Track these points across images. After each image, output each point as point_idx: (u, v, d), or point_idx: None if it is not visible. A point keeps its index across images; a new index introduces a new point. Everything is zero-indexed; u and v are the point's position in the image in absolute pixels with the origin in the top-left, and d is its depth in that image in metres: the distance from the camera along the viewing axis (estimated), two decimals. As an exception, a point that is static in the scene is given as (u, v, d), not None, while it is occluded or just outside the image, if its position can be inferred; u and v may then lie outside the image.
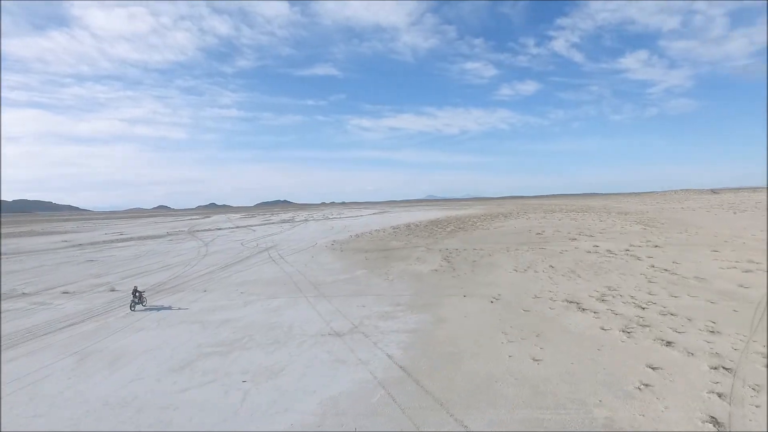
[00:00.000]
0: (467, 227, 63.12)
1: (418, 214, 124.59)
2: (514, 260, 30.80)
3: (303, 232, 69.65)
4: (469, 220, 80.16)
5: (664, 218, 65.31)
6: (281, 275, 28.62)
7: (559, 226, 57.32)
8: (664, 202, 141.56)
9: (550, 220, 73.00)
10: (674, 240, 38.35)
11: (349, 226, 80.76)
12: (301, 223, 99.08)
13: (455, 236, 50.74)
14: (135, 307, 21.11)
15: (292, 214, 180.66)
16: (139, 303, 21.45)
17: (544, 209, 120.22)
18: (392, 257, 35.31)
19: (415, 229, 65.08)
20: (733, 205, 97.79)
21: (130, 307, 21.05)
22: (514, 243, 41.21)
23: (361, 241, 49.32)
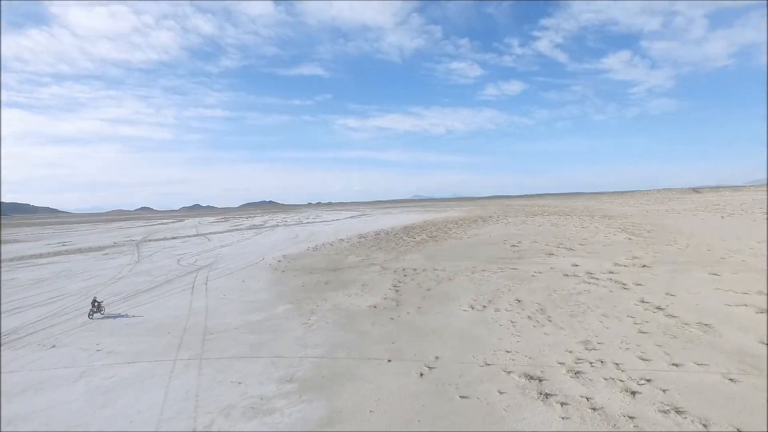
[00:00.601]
0: (439, 236, 57.73)
1: (396, 218, 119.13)
2: (476, 288, 25.31)
3: (262, 242, 63.34)
4: (444, 226, 74.92)
5: (650, 224, 61.06)
6: (180, 314, 22.53)
7: (538, 235, 52.35)
8: (648, 203, 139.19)
9: (530, 225, 68.24)
10: (664, 256, 33.46)
11: (317, 233, 74.66)
12: (268, 229, 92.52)
13: (422, 248, 45.23)
14: (93, 316, 22.69)
15: (268, 217, 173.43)
16: (98, 312, 22.91)
17: (526, 212, 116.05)
18: (336, 282, 29.52)
19: (383, 238, 59.42)
20: (718, 206, 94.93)
21: (89, 316, 22.61)
22: (483, 259, 35.84)
23: (316, 257, 43.42)
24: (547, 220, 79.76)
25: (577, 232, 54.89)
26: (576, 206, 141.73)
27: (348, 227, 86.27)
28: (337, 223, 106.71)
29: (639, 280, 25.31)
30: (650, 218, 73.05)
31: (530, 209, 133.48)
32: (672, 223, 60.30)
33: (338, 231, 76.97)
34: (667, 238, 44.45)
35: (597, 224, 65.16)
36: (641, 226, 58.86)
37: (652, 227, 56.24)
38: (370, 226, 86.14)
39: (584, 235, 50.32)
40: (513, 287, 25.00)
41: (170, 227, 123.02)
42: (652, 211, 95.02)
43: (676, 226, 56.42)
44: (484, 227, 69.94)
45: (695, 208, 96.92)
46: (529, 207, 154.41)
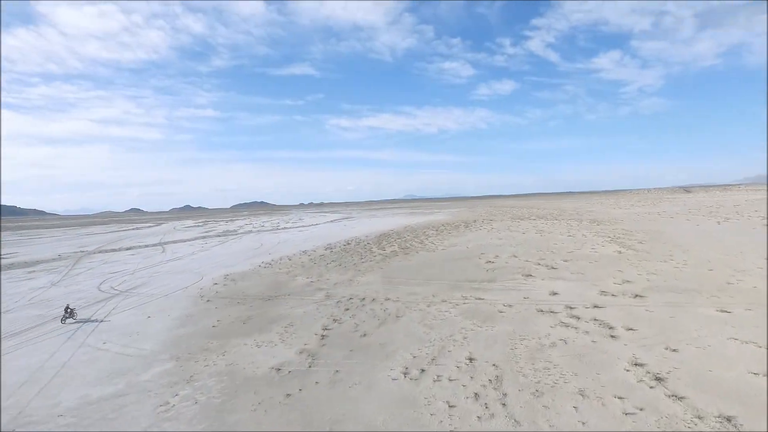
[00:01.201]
0: (412, 247, 52.19)
1: (379, 222, 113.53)
2: (425, 334, 19.77)
3: (217, 254, 57.31)
4: (423, 233, 69.44)
5: (642, 231, 56.10)
6: (11, 382, 16.64)
7: (520, 246, 47.03)
8: (639, 205, 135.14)
9: (514, 232, 63.00)
10: (659, 278, 28.21)
11: (285, 242, 68.73)
12: (237, 237, 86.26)
13: (386, 265, 39.63)
14: (66, 320, 24.40)
15: (249, 221, 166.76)
16: (70, 317, 24.63)
17: (513, 215, 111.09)
18: (258, 320, 23.81)
19: (351, 249, 53.73)
20: (711, 209, 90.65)
21: (62, 321, 24.33)
22: (449, 282, 30.35)
23: (261, 277, 37.62)
24: (533, 225, 74.64)
25: (562, 242, 49.68)
26: (565, 208, 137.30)
27: (322, 234, 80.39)
28: (313, 228, 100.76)
29: (630, 319, 19.92)
30: (642, 224, 68.23)
31: (518, 212, 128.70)
32: (666, 231, 55.39)
33: (309, 239, 71.11)
34: (662, 251, 39.34)
35: (585, 231, 60.10)
36: (632, 234, 53.86)
37: (644, 236, 51.24)
38: (346, 233, 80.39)
39: (570, 247, 45.09)
40: (470, 333, 19.45)
41: (139, 234, 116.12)
42: (644, 214, 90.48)
43: (671, 234, 51.47)
44: (465, 235, 64.58)
45: (688, 211, 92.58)
46: (518, 209, 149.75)
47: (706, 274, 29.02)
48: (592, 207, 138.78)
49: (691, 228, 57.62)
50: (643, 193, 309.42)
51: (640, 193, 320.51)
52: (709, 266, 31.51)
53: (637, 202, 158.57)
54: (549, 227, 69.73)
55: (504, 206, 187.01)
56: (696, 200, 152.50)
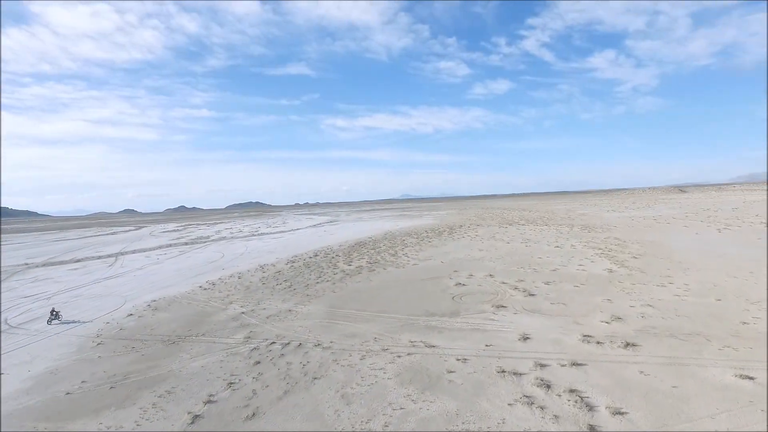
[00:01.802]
0: (382, 261, 46.71)
1: (361, 227, 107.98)
2: (331, 415, 14.27)
3: (168, 268, 51.58)
4: (401, 242, 63.97)
5: (636, 242, 50.92)
6: None
7: (500, 261, 41.65)
8: (633, 207, 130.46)
9: (498, 242, 57.68)
10: (656, 313, 22.88)
11: (249, 253, 63.00)
12: (204, 245, 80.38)
13: (342, 287, 34.11)
14: (52, 322, 27.35)
15: (231, 225, 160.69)
16: (55, 318, 27.62)
17: (503, 218, 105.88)
18: (136, 380, 18.23)
19: (315, 264, 48.17)
20: (709, 213, 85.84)
21: (48, 322, 27.26)
22: (401, 317, 24.87)
23: (190, 304, 31.97)
24: (519, 233, 69.37)
25: (548, 255, 44.36)
26: (557, 211, 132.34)
27: (294, 243, 74.65)
28: (290, 235, 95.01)
29: (619, 392, 14.51)
30: (636, 231, 63.13)
31: (509, 215, 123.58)
32: (662, 242, 50.23)
33: (277, 249, 65.39)
34: (659, 270, 34.06)
35: (575, 241, 54.85)
36: (626, 246, 48.64)
37: (638, 248, 46.03)
38: (321, 241, 74.76)
39: (556, 263, 39.76)
40: (397, 415, 13.94)
41: (108, 240, 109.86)
42: (638, 219, 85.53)
43: (668, 247, 46.28)
44: (445, 244, 59.16)
45: (685, 215, 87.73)
46: (509, 212, 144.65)
47: (713, 306, 23.69)
48: (585, 209, 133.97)
49: (691, 238, 52.51)
50: (638, 194, 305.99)
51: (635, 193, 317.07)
52: (715, 293, 26.20)
53: (631, 204, 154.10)
54: (536, 235, 64.47)
55: (495, 208, 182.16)
56: (692, 201, 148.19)
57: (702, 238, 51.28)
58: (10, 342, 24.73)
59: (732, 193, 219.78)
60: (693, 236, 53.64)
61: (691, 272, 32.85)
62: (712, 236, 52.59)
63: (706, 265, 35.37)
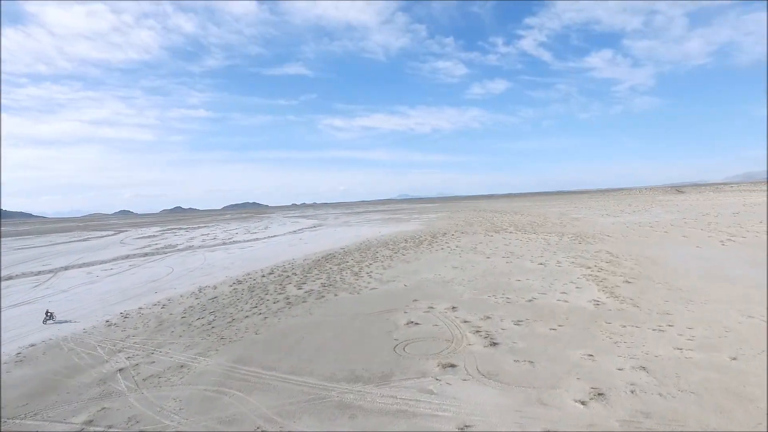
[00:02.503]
0: (338, 283, 40.59)
1: (342, 234, 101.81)
2: None
3: (96, 290, 45.33)
4: (372, 255, 57.85)
5: (631, 259, 44.92)
6: None
7: (471, 285, 35.55)
8: (630, 210, 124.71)
9: (477, 256, 51.65)
10: (652, 386, 16.78)
11: (203, 268, 56.74)
12: (161, 257, 74.01)
13: (270, 326, 27.94)
14: (47, 321, 31.05)
15: (209, 230, 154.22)
16: (50, 319, 31.30)
17: (491, 224, 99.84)
18: None
19: (264, 284, 42.05)
20: (709, 219, 79.98)
21: (43, 322, 31.01)
22: (312, 383, 18.69)
23: (56, 359, 25.73)
24: (504, 244, 63.31)
25: (529, 275, 38.27)
26: (550, 215, 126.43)
27: (258, 255, 68.36)
28: (260, 245, 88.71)
29: None
30: (632, 242, 57.16)
31: (499, 219, 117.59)
32: (660, 259, 44.22)
33: (234, 264, 59.08)
34: (656, 301, 28.01)
35: (562, 256, 48.83)
36: (618, 263, 42.62)
37: (632, 267, 40.02)
38: (289, 253, 68.55)
39: (535, 288, 33.69)
40: None
41: (77, 247, 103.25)
42: (634, 226, 79.61)
43: (666, 266, 40.25)
44: (419, 258, 53.05)
45: (683, 221, 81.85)
46: (501, 215, 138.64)
47: (728, 371, 17.60)
48: (579, 213, 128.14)
49: (691, 252, 46.53)
50: (635, 194, 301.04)
51: (632, 194, 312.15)
52: (729, 345, 20.12)
53: (627, 207, 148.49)
54: (522, 247, 58.40)
55: (488, 211, 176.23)
56: (690, 204, 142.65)
57: (704, 254, 45.32)
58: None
59: (730, 193, 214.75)
60: (694, 250, 47.67)
61: (694, 306, 26.79)
62: (715, 251, 46.63)
63: (711, 293, 29.34)
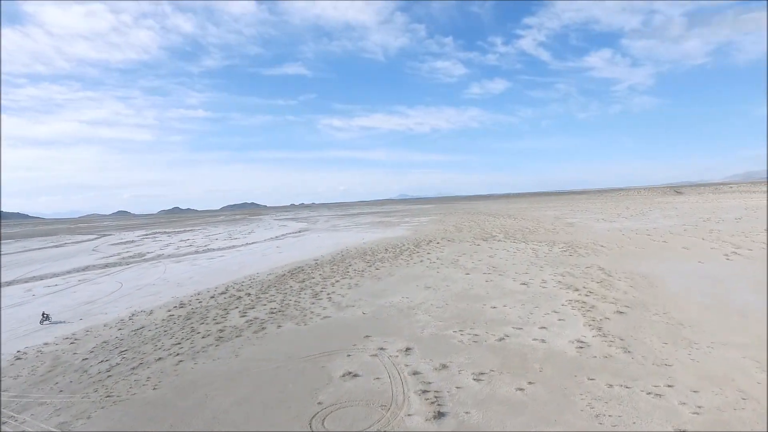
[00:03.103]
0: (290, 309, 35.42)
1: (325, 239, 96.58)
2: None
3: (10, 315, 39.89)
4: (344, 270, 52.69)
5: (625, 276, 39.82)
6: None
7: (436, 316, 30.37)
8: (627, 214, 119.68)
9: (455, 273, 46.54)
10: None
11: (160, 282, 51.49)
12: (121, 268, 68.66)
13: (190, 369, 22.75)
14: (43, 323, 34.11)
15: (190, 235, 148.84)
16: (46, 320, 34.50)
17: (480, 230, 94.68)
18: None
19: (214, 306, 36.95)
20: (710, 226, 74.91)
21: (40, 323, 34.06)
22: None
23: None
24: (489, 255, 58.20)
25: (508, 299, 33.14)
26: (544, 219, 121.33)
27: (223, 268, 63.10)
28: (234, 253, 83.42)
29: None
30: (627, 256, 52.07)
31: (490, 224, 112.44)
32: (657, 279, 39.11)
33: (190, 279, 53.79)
34: (652, 342, 22.85)
35: (549, 273, 43.75)
36: (611, 284, 37.49)
37: (626, 290, 34.90)
38: (255, 265, 63.34)
39: (511, 320, 28.56)
40: None
41: (36, 257, 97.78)
42: (631, 233, 74.55)
43: (665, 289, 35.13)
44: (392, 274, 47.94)
45: (683, 228, 76.76)
46: (494, 219, 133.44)
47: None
48: (574, 217, 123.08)
49: (693, 269, 41.43)
50: (633, 195, 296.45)
51: (630, 194, 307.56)
52: (746, 422, 14.92)
53: (624, 209, 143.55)
54: (507, 260, 53.26)
55: (482, 214, 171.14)
56: (689, 206, 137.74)
57: (707, 271, 40.25)
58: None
59: (730, 195, 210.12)
60: (696, 267, 42.56)
61: (699, 352, 21.66)
62: (720, 268, 41.54)
63: (719, 331, 24.22)
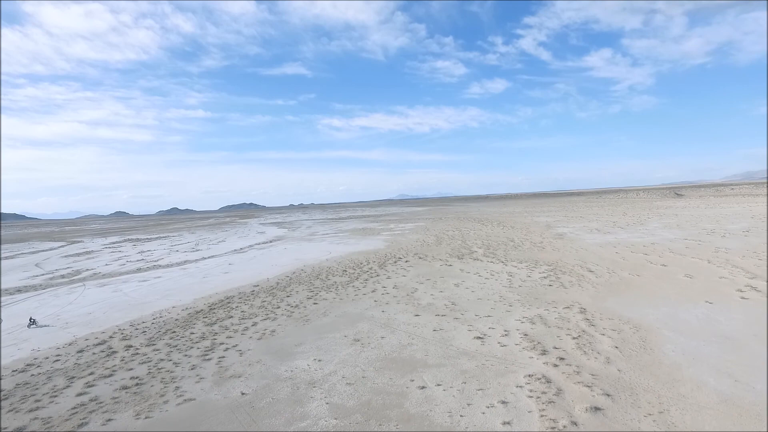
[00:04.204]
0: (154, 381, 26.09)
1: (290, 254, 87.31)
2: None
3: None
4: (274, 304, 43.48)
5: (612, 324, 30.51)
6: None
7: (337, 404, 21.03)
8: (623, 223, 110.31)
9: (406, 311, 37.24)
10: None
11: (50, 318, 42.12)
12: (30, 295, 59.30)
13: None
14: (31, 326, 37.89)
15: (162, 242, 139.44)
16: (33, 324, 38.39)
17: (461, 243, 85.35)
18: None
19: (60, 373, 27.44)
20: (715, 242, 65.50)
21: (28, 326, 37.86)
22: None
23: None
24: (456, 282, 48.97)
25: (448, 371, 23.77)
26: (535, 227, 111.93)
27: (142, 295, 53.79)
28: (175, 273, 74.12)
29: None
30: (618, 288, 42.80)
31: (476, 235, 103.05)
32: (653, 334, 29.76)
33: (73, 322, 44.36)
34: None
35: (517, 317, 34.49)
36: (592, 341, 28.18)
37: (609, 356, 25.57)
38: (184, 291, 54.13)
39: (437, 416, 19.21)
40: None
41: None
42: (625, 249, 65.20)
43: (663, 356, 25.76)
44: (325, 314, 38.73)
45: (685, 245, 67.36)
46: (482, 227, 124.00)
47: None
48: (567, 224, 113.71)
49: (699, 318, 32.06)
50: (632, 198, 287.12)
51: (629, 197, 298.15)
52: None
53: (622, 216, 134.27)
54: (474, 291, 44.01)
55: (472, 220, 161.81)
56: (690, 212, 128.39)
57: (718, 320, 30.94)
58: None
59: (733, 198, 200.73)
60: (703, 314, 33.20)
61: None
62: (736, 316, 32.22)
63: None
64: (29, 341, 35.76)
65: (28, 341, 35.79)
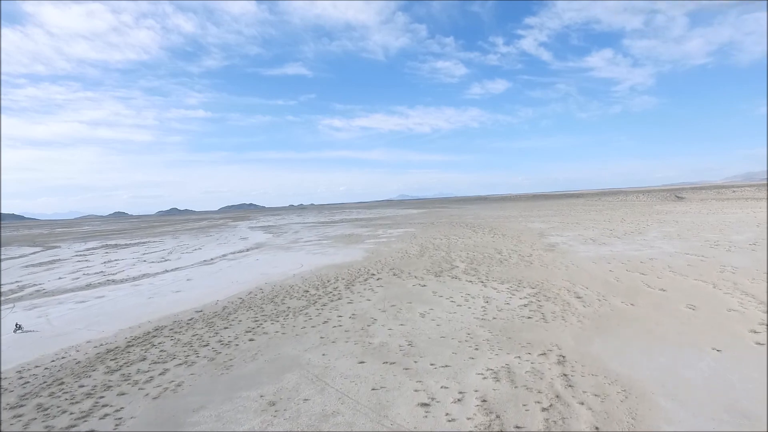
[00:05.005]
0: None
1: (265, 264, 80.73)
2: None
3: None
4: (225, 330, 36.85)
5: (595, 381, 23.84)
6: None
7: None
8: (621, 233, 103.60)
9: (350, 357, 30.62)
10: None
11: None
12: None
13: None
14: (17, 331, 40.32)
15: (141, 248, 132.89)
16: (19, 329, 40.71)
17: (444, 255, 78.70)
18: None
19: None
20: (720, 258, 58.75)
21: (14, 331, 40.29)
22: None
23: None
24: (422, 312, 42.42)
25: None
26: (527, 235, 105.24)
27: (65, 323, 47.15)
28: (124, 291, 67.57)
29: None
30: (608, 325, 36.16)
31: (462, 245, 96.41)
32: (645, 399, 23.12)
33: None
34: None
35: (481, 368, 27.96)
36: (568, 411, 21.46)
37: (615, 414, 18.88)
38: (119, 316, 47.60)
39: None
40: None
41: None
42: (621, 269, 58.57)
43: None
44: (254, 358, 32.21)
45: (686, 262, 60.68)
46: (472, 233, 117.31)
47: None
48: (562, 232, 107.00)
49: (706, 375, 25.38)
50: (632, 200, 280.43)
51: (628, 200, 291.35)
52: None
53: (620, 222, 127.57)
54: (439, 325, 37.39)
55: (465, 225, 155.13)
56: (692, 218, 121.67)
57: (729, 380, 24.29)
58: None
59: (735, 202, 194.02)
60: (710, 368, 26.54)
61: None
62: (749, 369, 25.57)
63: None
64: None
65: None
